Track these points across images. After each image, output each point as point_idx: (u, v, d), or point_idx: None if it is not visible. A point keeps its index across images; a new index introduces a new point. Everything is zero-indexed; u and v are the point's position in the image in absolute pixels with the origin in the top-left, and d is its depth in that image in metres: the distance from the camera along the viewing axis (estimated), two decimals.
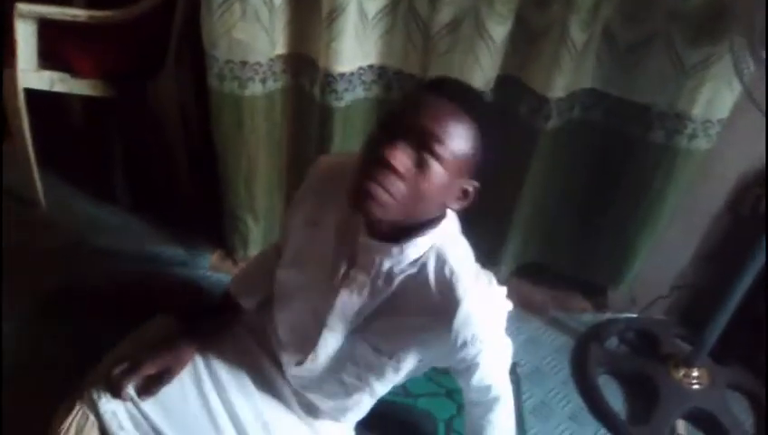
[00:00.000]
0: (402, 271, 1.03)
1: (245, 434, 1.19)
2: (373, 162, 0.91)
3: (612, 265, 1.85)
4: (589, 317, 1.98)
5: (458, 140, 0.91)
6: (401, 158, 0.90)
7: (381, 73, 1.57)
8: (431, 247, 1.02)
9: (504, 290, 1.08)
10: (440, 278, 1.02)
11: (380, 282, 1.05)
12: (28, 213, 1.99)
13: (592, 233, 1.83)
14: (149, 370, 1.16)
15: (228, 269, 1.88)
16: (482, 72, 1.49)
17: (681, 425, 1.65)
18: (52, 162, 2.08)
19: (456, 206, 0.99)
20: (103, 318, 1.63)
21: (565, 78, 1.50)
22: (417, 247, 1.01)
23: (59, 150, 2.15)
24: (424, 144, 0.90)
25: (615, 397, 1.73)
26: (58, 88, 1.80)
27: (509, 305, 1.09)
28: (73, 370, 1.34)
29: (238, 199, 1.75)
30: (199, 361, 1.25)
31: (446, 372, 1.64)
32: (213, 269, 1.90)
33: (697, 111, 1.51)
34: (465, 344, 1.03)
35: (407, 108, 0.94)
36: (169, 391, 1.20)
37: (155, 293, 1.73)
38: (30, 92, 1.79)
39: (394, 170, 0.89)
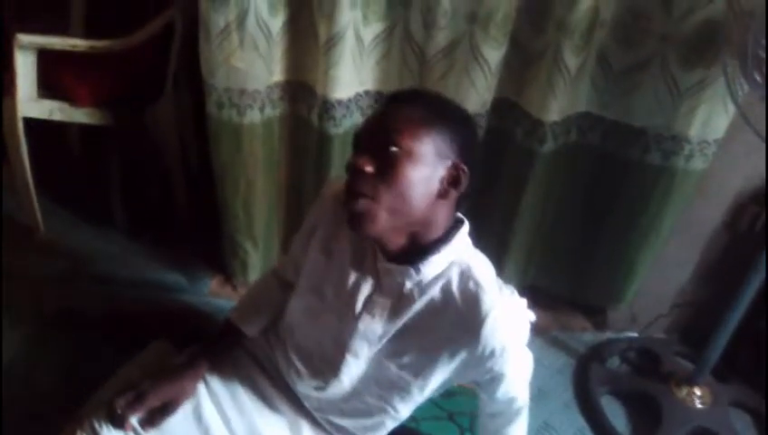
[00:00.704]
0: (423, 290, 1.04)
1: None
2: (348, 179, 0.97)
3: (612, 285, 1.85)
4: (589, 337, 1.97)
5: (418, 126, 0.95)
6: (366, 160, 0.94)
7: (378, 99, 1.58)
8: (451, 264, 1.04)
9: (524, 302, 1.09)
10: (465, 292, 1.02)
11: (403, 304, 1.06)
12: (27, 239, 1.99)
13: (591, 254, 1.83)
14: (154, 401, 1.15)
15: (228, 294, 1.88)
16: (477, 95, 1.50)
17: None
18: (51, 189, 2.09)
19: (451, 194, 0.99)
20: (102, 345, 1.63)
21: (560, 102, 1.52)
22: (434, 265, 1.02)
23: (58, 177, 2.16)
24: (384, 141, 0.94)
25: (618, 417, 1.73)
26: (57, 117, 1.81)
27: (532, 316, 1.09)
28: (72, 397, 1.34)
29: (237, 224, 1.75)
30: (201, 386, 1.25)
31: (449, 395, 1.66)
32: (213, 295, 1.90)
33: (693, 132, 1.52)
34: (492, 355, 1.03)
35: (368, 120, 1.02)
36: (171, 420, 1.20)
37: (154, 319, 1.73)
38: (28, 120, 1.80)
39: (362, 173, 0.94)
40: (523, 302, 1.09)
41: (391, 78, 1.55)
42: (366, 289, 1.08)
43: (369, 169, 0.94)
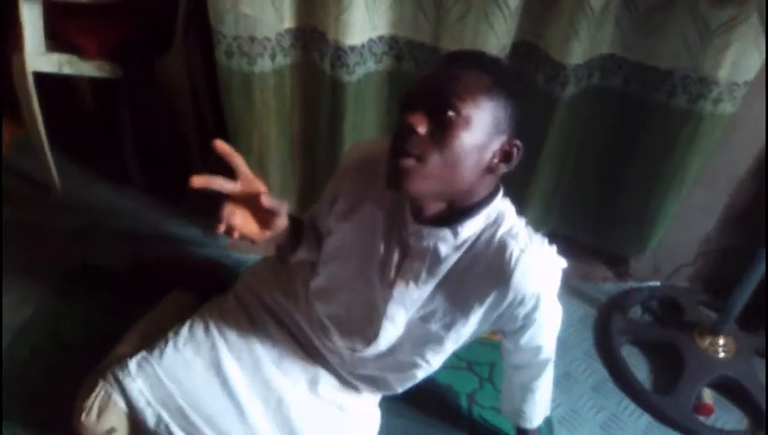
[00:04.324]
0: (458, 250, 1.03)
1: (263, 414, 1.20)
2: (397, 135, 0.92)
3: (635, 234, 1.81)
4: (611, 287, 1.95)
5: (481, 94, 0.90)
6: (421, 119, 0.89)
7: (392, 44, 1.52)
8: (485, 226, 1.02)
9: (554, 248, 1.07)
10: (496, 241, 1.01)
11: (436, 265, 1.05)
12: (44, 197, 2.00)
13: (613, 202, 1.79)
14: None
15: (246, 248, 1.87)
16: (496, 38, 1.44)
17: (707, 394, 1.62)
18: (66, 146, 2.09)
19: (500, 169, 0.96)
20: (123, 299, 1.65)
21: (583, 44, 1.45)
22: (470, 228, 1.01)
23: (72, 135, 2.15)
24: (444, 103, 0.89)
25: (639, 367, 1.71)
26: (66, 70, 1.78)
27: (563, 263, 1.07)
28: (94, 350, 1.36)
29: None
30: (219, 341, 1.26)
31: (468, 344, 1.65)
32: (232, 248, 1.90)
33: (723, 73, 1.45)
34: (523, 301, 1.02)
35: (423, 78, 0.94)
36: (192, 373, 1.22)
37: (173, 272, 1.73)
38: (40, 78, 1.78)
39: (416, 133, 0.89)
40: (554, 249, 1.06)
41: (406, 22, 1.49)
42: (397, 255, 1.07)
43: (422, 129, 0.89)
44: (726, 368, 1.67)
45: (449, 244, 1.02)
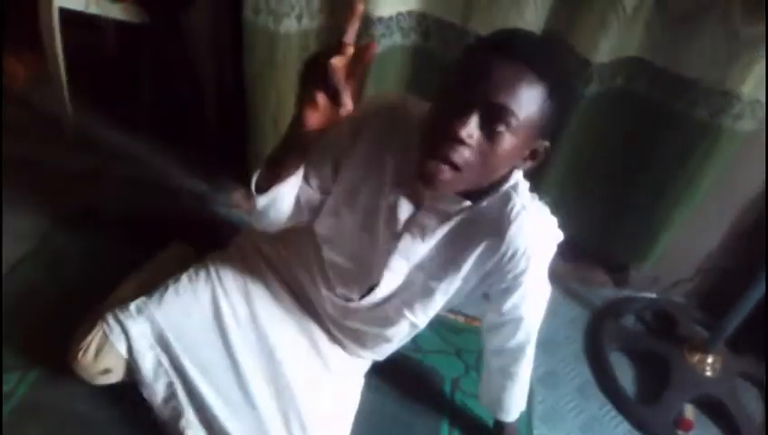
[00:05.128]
0: (467, 210, 1.05)
1: (256, 367, 1.21)
2: (442, 138, 0.89)
3: (638, 243, 1.81)
4: (607, 293, 1.95)
5: (531, 105, 0.88)
6: (472, 132, 0.88)
7: (420, 20, 1.52)
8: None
9: (555, 220, 1.07)
10: (498, 198, 1.02)
11: (445, 225, 1.06)
12: (56, 135, 2.00)
13: (621, 208, 1.78)
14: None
15: (250, 208, 1.87)
16: (525, 26, 1.43)
17: (689, 409, 1.62)
18: (84, 88, 2.08)
19: (524, 166, 0.99)
20: (122, 245, 1.65)
21: (611, 42, 1.45)
22: (487, 199, 1.03)
23: (91, 77, 2.14)
24: (497, 117, 0.88)
25: (625, 374, 1.71)
26: (93, 10, 1.78)
27: (561, 236, 1.07)
28: (88, 291, 1.36)
29: (265, 139, 1.72)
30: (220, 293, 1.28)
31: (458, 331, 1.66)
32: (234, 207, 1.90)
33: (746, 89, 1.45)
34: (514, 256, 1.03)
35: (478, 74, 0.89)
36: (190, 320, 1.24)
37: (175, 223, 1.73)
38: (65, 15, 1.76)
39: (464, 144, 0.88)
40: (555, 220, 1.07)
41: (436, 0, 1.48)
42: (407, 209, 1.07)
43: (473, 143, 0.89)
44: (711, 387, 1.66)
45: (464, 212, 1.04)
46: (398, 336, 1.25)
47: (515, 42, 0.92)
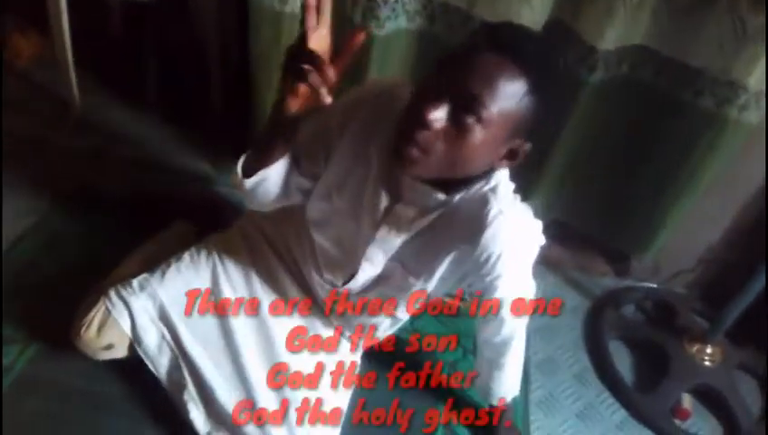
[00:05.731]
0: (446, 207, 1.04)
1: (253, 347, 1.23)
2: (412, 120, 0.89)
3: (640, 232, 1.80)
4: (608, 282, 1.95)
5: (506, 100, 0.87)
6: (440, 116, 0.87)
7: (426, 4, 1.51)
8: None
9: (539, 224, 1.07)
10: (477, 198, 1.01)
11: (423, 218, 1.06)
12: (60, 113, 2.00)
13: (623, 197, 1.78)
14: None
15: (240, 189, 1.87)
16: (532, 12, 1.43)
17: (687, 399, 1.63)
18: (89, 67, 2.08)
19: (502, 166, 0.98)
20: (123, 224, 1.65)
21: (617, 30, 1.44)
22: (466, 194, 1.02)
23: (96, 56, 2.14)
24: (467, 106, 0.86)
25: (623, 363, 1.72)
26: None
27: (542, 240, 1.07)
28: (88, 269, 1.37)
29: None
30: (221, 272, 1.29)
31: (456, 316, 1.66)
32: (237, 187, 1.89)
33: (753, 80, 1.43)
34: (488, 260, 1.02)
35: (457, 63, 0.89)
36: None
37: (177, 203, 1.74)
38: None
39: (429, 129, 0.87)
40: (539, 224, 1.06)
41: None
42: (387, 200, 1.07)
43: (437, 125, 0.88)
44: (710, 377, 1.67)
45: (441, 205, 1.03)
46: (383, 326, 1.26)
47: (504, 35, 0.91)
